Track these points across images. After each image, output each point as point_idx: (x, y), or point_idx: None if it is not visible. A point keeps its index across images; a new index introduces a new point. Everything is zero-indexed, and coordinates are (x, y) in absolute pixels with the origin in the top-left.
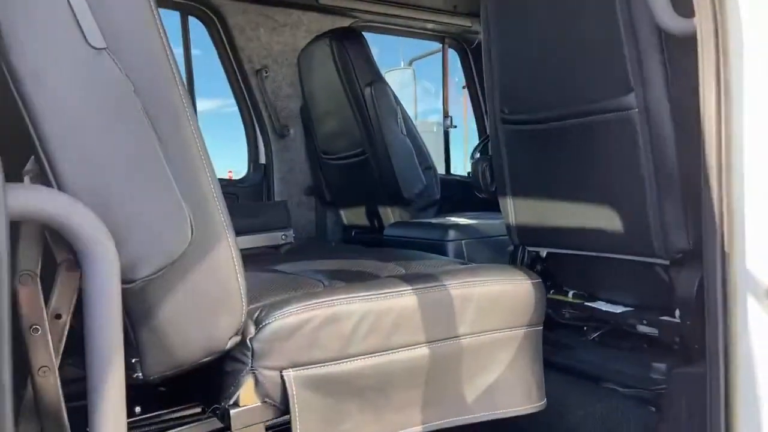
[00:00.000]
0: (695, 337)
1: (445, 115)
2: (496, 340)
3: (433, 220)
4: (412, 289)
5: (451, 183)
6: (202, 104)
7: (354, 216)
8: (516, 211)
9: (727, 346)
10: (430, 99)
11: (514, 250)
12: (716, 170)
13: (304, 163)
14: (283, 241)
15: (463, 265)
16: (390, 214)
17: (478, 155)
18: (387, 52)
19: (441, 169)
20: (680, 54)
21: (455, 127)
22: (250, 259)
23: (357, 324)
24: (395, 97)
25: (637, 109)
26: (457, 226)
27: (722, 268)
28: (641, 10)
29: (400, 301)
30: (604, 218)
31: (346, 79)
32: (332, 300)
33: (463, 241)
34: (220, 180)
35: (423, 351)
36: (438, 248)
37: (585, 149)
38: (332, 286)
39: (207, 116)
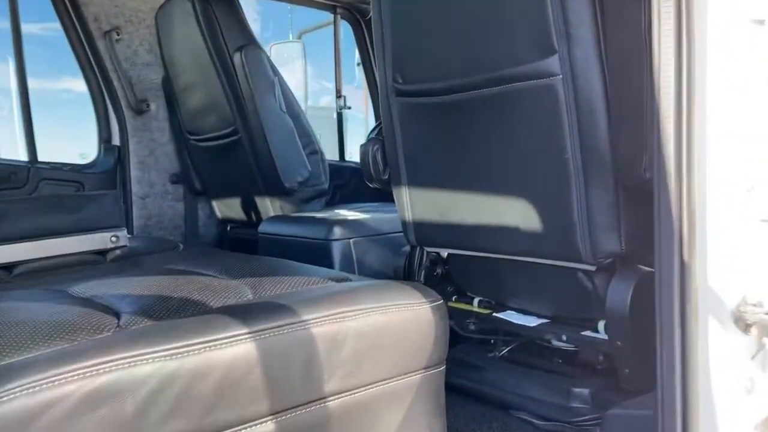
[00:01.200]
0: (626, 360)
1: (338, 95)
2: (382, 395)
3: (318, 214)
4: (249, 333)
5: (344, 170)
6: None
7: (228, 208)
8: (413, 204)
9: (685, 382)
10: (326, 78)
11: (411, 251)
12: (674, 158)
13: (168, 144)
14: (113, 245)
15: (339, 283)
16: (270, 206)
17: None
18: (275, 24)
19: (335, 155)
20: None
21: (349, 108)
22: (46, 272)
23: (150, 399)
24: (272, 65)
25: (560, 76)
26: (344, 222)
27: (680, 284)
28: None
29: (227, 353)
30: (517, 214)
31: (212, 43)
32: (107, 363)
33: (351, 240)
34: (61, 164)
35: (267, 429)
36: (321, 249)
37: (495, 127)
38: (129, 326)
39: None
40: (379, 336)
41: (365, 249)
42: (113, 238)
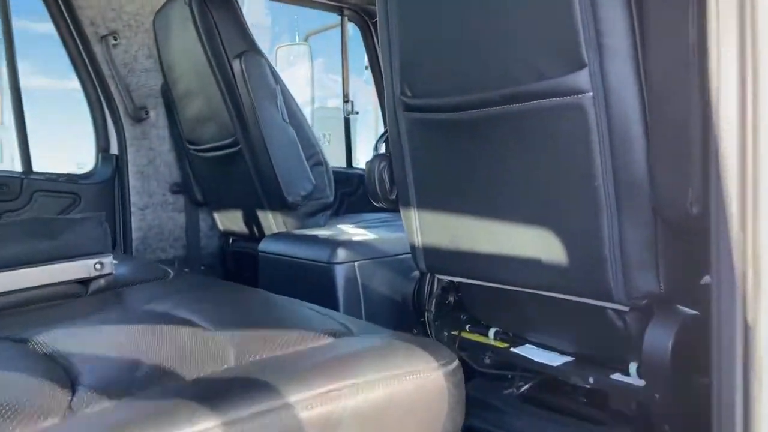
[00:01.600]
0: (666, 416)
1: (345, 99)
2: None
3: (321, 232)
4: (221, 425)
5: (352, 178)
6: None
7: (230, 221)
8: (423, 228)
9: None
10: (334, 81)
11: (421, 277)
12: (737, 198)
13: (168, 153)
14: (97, 272)
15: (338, 339)
16: (272, 221)
17: (381, 152)
18: (282, 25)
19: (342, 162)
20: (662, 5)
21: (357, 113)
22: (17, 308)
23: None
24: (274, 72)
25: (590, 93)
26: (348, 243)
27: (744, 349)
28: None
29: None
30: (539, 245)
31: (211, 48)
32: None
33: (356, 263)
34: (56, 175)
35: None
36: (324, 273)
37: (515, 149)
38: (81, 409)
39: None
40: (380, 416)
41: (371, 273)
42: (97, 266)
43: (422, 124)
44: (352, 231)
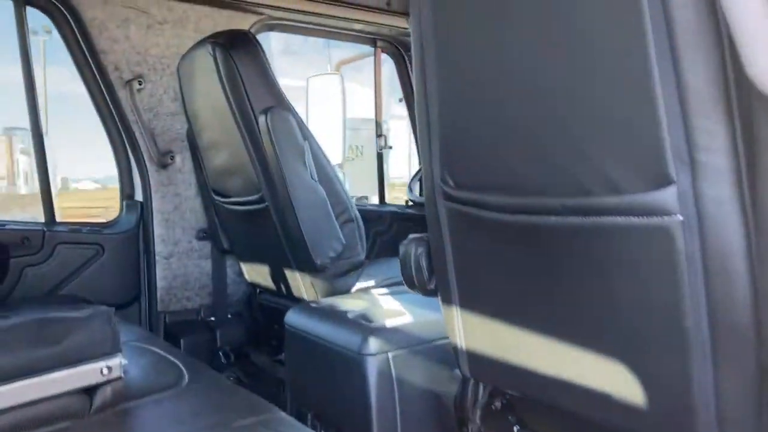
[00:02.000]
0: None
1: (378, 134)
2: None
3: (351, 305)
4: None
5: (384, 216)
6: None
7: (257, 274)
8: (466, 330)
9: None
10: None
11: (464, 382)
12: None
13: (193, 198)
14: (104, 378)
15: None
16: (300, 281)
17: (415, 186)
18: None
19: (374, 199)
20: None
21: (390, 148)
22: None
23: None
24: (302, 127)
25: (680, 216)
26: (382, 329)
27: None
28: (696, 44)
29: None
30: (609, 378)
31: (236, 102)
32: None
33: (389, 355)
34: (80, 225)
35: None
36: (354, 364)
37: (581, 267)
38: None
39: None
40: None
41: (407, 365)
42: (104, 370)
43: (466, 219)
44: (385, 305)
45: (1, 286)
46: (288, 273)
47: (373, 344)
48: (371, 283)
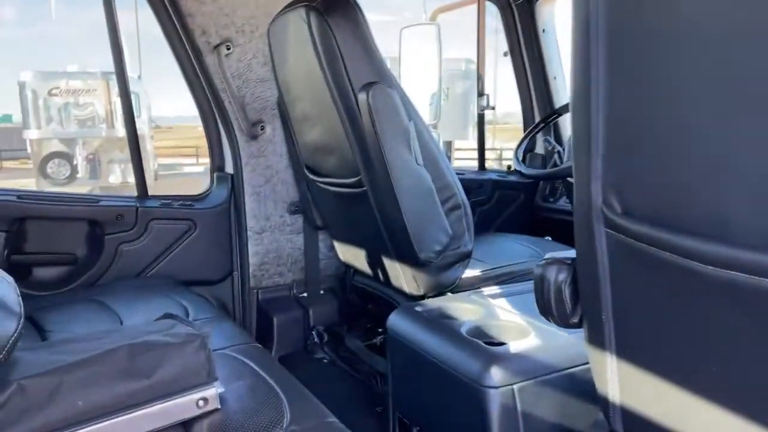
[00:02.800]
0: None
1: (480, 93)
2: None
3: (463, 321)
4: None
5: (485, 184)
6: None
7: (353, 256)
8: (622, 383)
9: None
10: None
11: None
12: None
13: (285, 171)
14: (200, 410)
15: None
16: (400, 272)
17: (522, 165)
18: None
19: (473, 163)
20: None
21: (493, 108)
22: None
23: None
24: (408, 106)
25: None
26: (505, 356)
27: None
28: None
29: None
30: None
31: (332, 75)
32: None
33: (515, 387)
34: (171, 198)
35: None
36: (472, 395)
37: None
38: None
39: None
40: None
41: (535, 398)
42: (200, 402)
43: (637, 256)
44: (503, 316)
45: (99, 264)
46: (387, 262)
47: (496, 375)
48: (477, 272)
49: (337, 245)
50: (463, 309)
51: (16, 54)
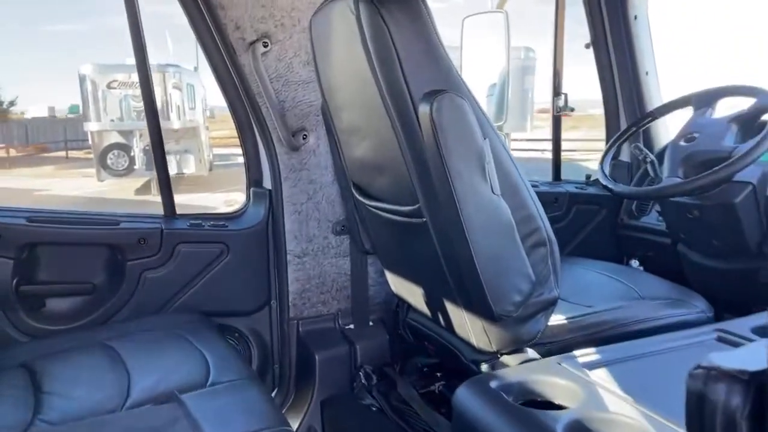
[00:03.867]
0: None
1: (556, 92)
2: None
3: (556, 415)
4: None
5: (561, 198)
6: None
7: (407, 291)
8: None
9: None
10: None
11: None
12: None
13: (330, 186)
14: None
15: None
16: (467, 322)
17: (610, 181)
18: None
19: (546, 176)
20: None
21: (572, 110)
22: None
23: None
24: (482, 120)
25: None
26: None
27: None
28: None
29: None
30: None
31: (386, 81)
32: None
33: None
34: (202, 218)
35: None
36: None
37: None
38: None
39: None
40: None
41: None
42: None
43: None
44: (612, 405)
45: (119, 294)
46: (450, 308)
47: None
48: (562, 320)
49: (388, 275)
50: (555, 388)
51: (78, 46)
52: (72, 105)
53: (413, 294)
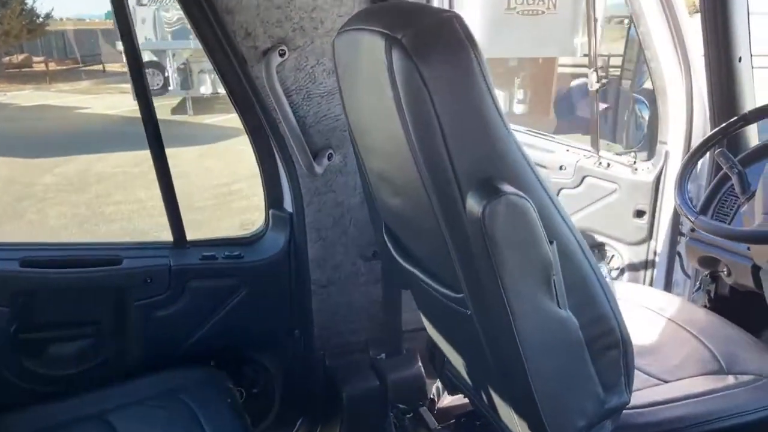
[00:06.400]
0: None
1: (592, 66)
2: None
3: None
4: None
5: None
6: None
7: (446, 349)
8: None
9: None
10: None
11: None
12: None
13: (358, 208)
14: None
15: None
16: (516, 421)
17: (692, 211)
18: None
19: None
20: None
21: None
22: None
23: None
24: (550, 213)
25: None
26: None
27: None
28: None
29: None
30: None
31: (425, 156)
32: None
33: None
34: (215, 248)
35: None
36: None
37: None
38: None
39: None
40: None
41: None
42: None
43: None
44: None
45: (126, 335)
46: (498, 400)
47: None
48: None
49: (426, 322)
50: None
51: None
52: (108, 11)
53: (455, 359)
